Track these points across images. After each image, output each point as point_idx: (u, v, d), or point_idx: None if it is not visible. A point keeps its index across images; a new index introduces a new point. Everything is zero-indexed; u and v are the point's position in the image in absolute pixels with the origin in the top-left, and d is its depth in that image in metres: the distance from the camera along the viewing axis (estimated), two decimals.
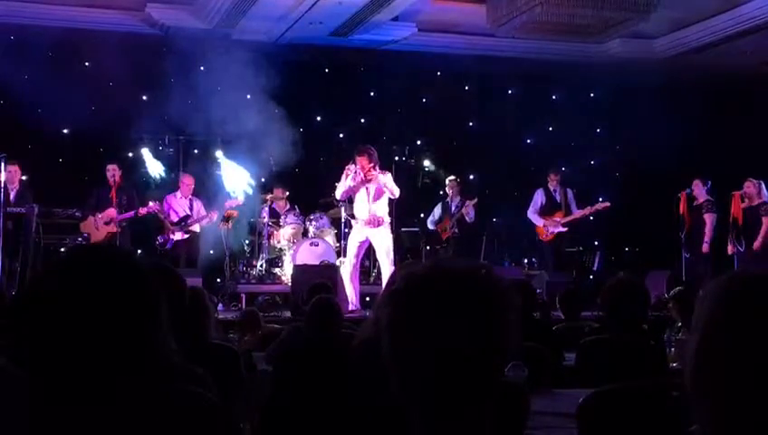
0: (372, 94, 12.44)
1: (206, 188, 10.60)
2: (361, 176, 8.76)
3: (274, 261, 10.35)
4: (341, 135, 12.18)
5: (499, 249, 11.83)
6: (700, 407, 1.18)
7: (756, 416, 1.12)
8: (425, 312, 1.29)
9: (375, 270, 10.16)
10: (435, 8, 10.55)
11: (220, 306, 9.20)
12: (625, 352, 3.68)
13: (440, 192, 11.56)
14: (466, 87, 12.69)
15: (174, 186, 10.57)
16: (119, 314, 1.44)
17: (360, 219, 8.88)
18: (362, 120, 12.35)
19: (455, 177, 11.14)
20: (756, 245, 9.40)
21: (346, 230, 9.67)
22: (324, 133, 12.10)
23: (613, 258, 12.51)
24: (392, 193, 8.78)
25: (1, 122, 10.31)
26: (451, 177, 11.15)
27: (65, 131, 10.99)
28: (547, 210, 10.81)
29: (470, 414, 1.30)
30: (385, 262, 8.82)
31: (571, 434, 2.70)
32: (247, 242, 10.69)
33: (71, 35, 10.32)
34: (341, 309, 4.86)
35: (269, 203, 10.60)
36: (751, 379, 1.12)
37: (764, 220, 9.45)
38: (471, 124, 12.99)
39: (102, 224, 9.59)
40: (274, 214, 10.62)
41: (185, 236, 10.07)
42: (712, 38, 10.85)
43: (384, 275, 8.72)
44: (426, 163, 12.12)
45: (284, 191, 10.82)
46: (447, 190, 11.09)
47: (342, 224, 9.98)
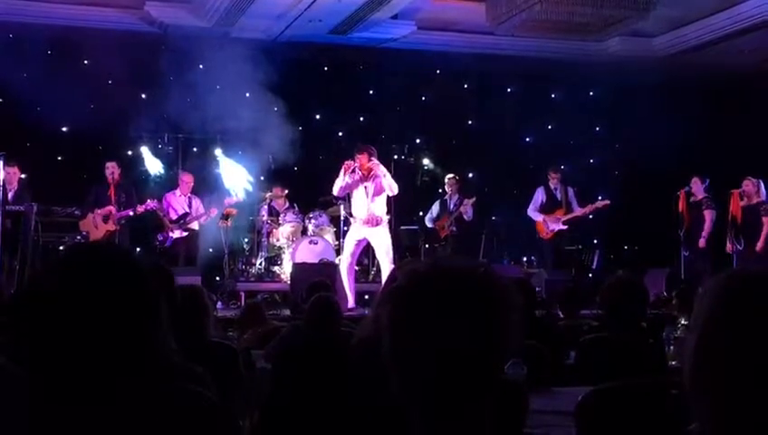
0: (371, 92, 12.43)
1: (206, 187, 10.60)
2: (360, 174, 8.76)
3: (274, 259, 10.35)
4: (341, 133, 12.17)
5: (498, 247, 11.81)
6: (699, 405, 1.18)
7: (756, 414, 1.12)
8: (425, 311, 1.29)
9: (374, 268, 10.16)
10: (434, 6, 10.54)
11: (219, 304, 9.20)
12: (624, 350, 3.67)
13: (439, 190, 11.55)
14: (466, 85, 12.68)
15: (173, 184, 10.57)
16: (118, 313, 1.44)
17: (359, 218, 8.88)
18: (361, 118, 12.33)
19: (454, 175, 11.13)
20: (759, 246, 9.41)
21: (345, 228, 9.66)
22: (323, 131, 12.08)
23: (612, 257, 12.49)
24: (391, 189, 8.79)
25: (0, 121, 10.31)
26: (450, 175, 11.14)
27: (64, 129, 10.97)
28: (548, 208, 10.80)
29: (470, 413, 1.30)
30: (384, 260, 8.82)
31: (571, 433, 2.70)
32: (246, 240, 10.68)
33: (70, 33, 10.31)
34: (341, 307, 4.86)
35: (268, 201, 10.61)
36: (750, 377, 1.12)
37: (765, 220, 9.45)
38: (470, 123, 12.97)
39: (101, 221, 9.59)
40: (274, 212, 10.62)
41: (183, 234, 10.08)
42: (711, 37, 10.85)
43: (384, 274, 8.72)
44: (425, 161, 12.11)
45: (283, 189, 10.81)
46: (446, 188, 11.07)
47: (341, 222, 9.97)
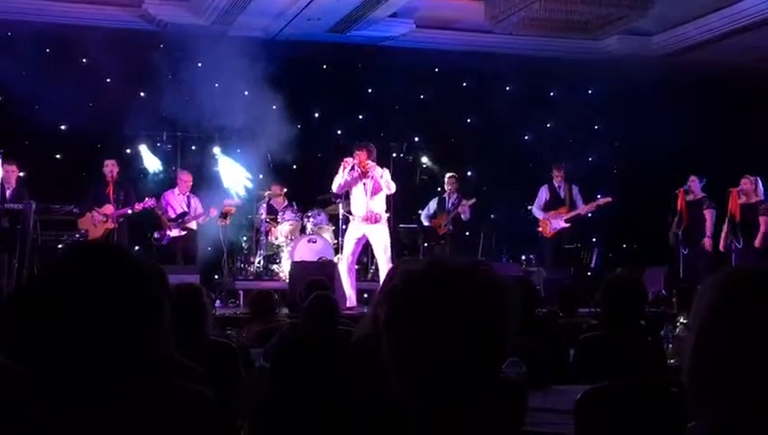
0: (370, 91, 12.42)
1: (204, 185, 10.58)
2: (358, 171, 8.75)
3: (272, 258, 10.34)
4: (339, 132, 12.16)
5: (497, 246, 11.82)
6: (698, 403, 1.18)
7: (754, 412, 1.12)
8: (420, 311, 1.29)
9: (373, 266, 10.15)
10: (433, 5, 10.54)
11: (218, 303, 9.20)
12: (622, 348, 3.68)
13: (438, 189, 11.53)
14: (464, 84, 12.68)
15: (171, 182, 10.56)
16: (117, 312, 1.44)
17: (358, 216, 8.88)
18: (360, 116, 12.32)
19: (453, 174, 11.12)
20: (757, 243, 9.42)
21: (344, 227, 9.65)
22: (322, 130, 12.07)
23: (611, 255, 12.49)
24: (389, 188, 8.78)
25: None
26: (450, 174, 11.13)
27: (63, 128, 10.94)
28: (551, 206, 10.79)
29: (469, 411, 1.30)
30: (383, 258, 8.82)
31: (569, 431, 2.70)
32: (245, 239, 10.67)
33: (68, 31, 10.28)
34: (339, 306, 4.86)
35: (267, 199, 10.61)
36: (749, 375, 1.12)
37: (762, 220, 9.45)
38: (469, 121, 12.96)
39: (100, 220, 9.58)
40: (272, 210, 10.61)
41: (181, 232, 10.06)
42: (709, 35, 10.86)
43: (382, 272, 8.71)
44: (423, 160, 12.09)
45: (282, 188, 10.80)
46: (446, 187, 11.06)
47: (340, 220, 9.96)
